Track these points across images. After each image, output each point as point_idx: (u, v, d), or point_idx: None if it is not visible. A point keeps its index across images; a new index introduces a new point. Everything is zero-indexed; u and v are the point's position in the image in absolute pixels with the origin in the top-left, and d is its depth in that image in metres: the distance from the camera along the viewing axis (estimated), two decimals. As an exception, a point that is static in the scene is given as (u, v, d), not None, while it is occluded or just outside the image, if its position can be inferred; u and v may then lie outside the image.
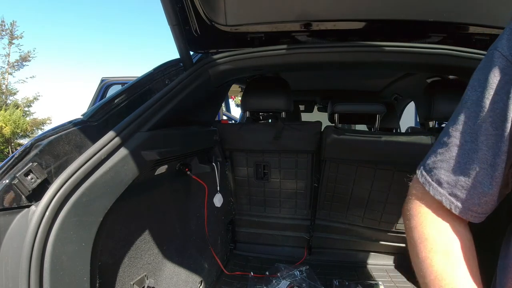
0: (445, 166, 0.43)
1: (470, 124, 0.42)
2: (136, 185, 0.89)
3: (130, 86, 1.04)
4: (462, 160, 0.42)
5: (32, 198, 0.68)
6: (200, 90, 1.14)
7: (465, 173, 0.42)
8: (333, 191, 1.65)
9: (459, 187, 0.42)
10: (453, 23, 1.10)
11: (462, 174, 0.42)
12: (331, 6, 1.07)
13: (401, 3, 1.05)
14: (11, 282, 0.62)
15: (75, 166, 0.70)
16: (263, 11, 1.11)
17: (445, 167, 0.43)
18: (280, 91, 1.51)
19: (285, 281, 1.46)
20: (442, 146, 0.44)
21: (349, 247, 1.76)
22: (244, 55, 1.11)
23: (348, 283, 1.50)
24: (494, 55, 0.41)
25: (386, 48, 1.05)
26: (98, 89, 3.45)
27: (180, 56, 1.10)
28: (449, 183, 0.43)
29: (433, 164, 0.45)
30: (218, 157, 1.54)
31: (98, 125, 0.89)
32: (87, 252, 0.71)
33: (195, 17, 1.10)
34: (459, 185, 0.42)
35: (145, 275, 1.03)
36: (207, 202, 1.42)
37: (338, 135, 1.48)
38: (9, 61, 16.73)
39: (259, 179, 1.69)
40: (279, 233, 1.81)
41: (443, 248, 0.43)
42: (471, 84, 0.44)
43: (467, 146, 0.42)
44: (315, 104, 3.16)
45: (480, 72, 0.43)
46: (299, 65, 1.20)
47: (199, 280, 1.35)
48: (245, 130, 1.57)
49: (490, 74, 0.41)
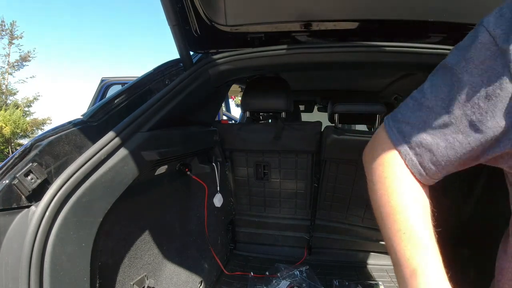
0: (413, 122, 0.44)
1: (445, 91, 0.42)
2: (136, 185, 0.89)
3: (130, 86, 1.04)
4: (429, 122, 0.43)
5: (32, 198, 0.68)
6: (200, 90, 1.14)
7: (431, 135, 0.43)
8: (333, 191, 1.65)
9: (421, 147, 0.44)
10: (453, 23, 1.10)
11: (428, 135, 0.43)
12: (331, 6, 1.07)
13: (401, 3, 1.04)
14: (11, 282, 0.62)
15: (75, 166, 0.70)
16: (263, 11, 1.11)
17: (412, 124, 0.44)
18: (280, 91, 1.51)
19: (285, 281, 1.46)
20: (415, 104, 0.45)
21: (349, 247, 1.76)
22: (244, 55, 1.11)
23: (348, 283, 1.50)
24: (479, 29, 0.40)
25: (386, 48, 1.05)
26: (98, 89, 3.45)
27: (180, 56, 1.10)
28: (412, 139, 0.44)
29: (402, 117, 0.46)
30: (218, 157, 1.54)
31: (98, 125, 0.89)
32: (87, 252, 0.71)
33: (195, 17, 1.10)
34: (423, 146, 0.43)
35: (145, 275, 1.03)
36: (207, 202, 1.42)
37: (338, 135, 1.47)
38: (9, 61, 16.75)
39: (259, 179, 1.68)
40: (279, 233, 1.80)
41: (400, 190, 0.45)
42: (455, 51, 0.43)
43: (437, 111, 0.42)
44: (315, 104, 3.16)
45: (464, 43, 0.43)
46: (299, 65, 1.20)
47: (199, 280, 1.35)
48: (245, 130, 1.57)
49: (473, 47, 0.40)
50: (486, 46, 0.39)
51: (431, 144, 0.43)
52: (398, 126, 0.46)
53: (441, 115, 0.42)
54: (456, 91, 0.41)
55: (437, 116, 0.42)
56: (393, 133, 0.46)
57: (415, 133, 0.44)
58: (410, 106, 0.46)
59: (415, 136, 0.44)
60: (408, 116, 0.45)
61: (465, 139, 0.41)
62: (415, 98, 0.46)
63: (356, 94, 2.21)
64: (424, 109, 0.44)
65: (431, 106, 0.43)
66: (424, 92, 0.45)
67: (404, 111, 0.46)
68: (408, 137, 0.44)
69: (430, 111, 0.43)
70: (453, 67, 0.42)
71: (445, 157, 0.43)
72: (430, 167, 0.44)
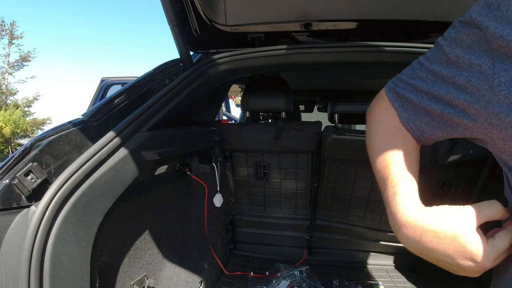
0: (415, 91, 0.48)
1: (434, 66, 0.45)
2: (136, 185, 0.89)
3: (130, 86, 1.04)
4: (420, 89, 0.46)
5: (32, 198, 0.68)
6: (200, 90, 1.14)
7: (418, 101, 0.47)
8: (333, 191, 1.65)
9: (410, 108, 0.48)
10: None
11: (416, 100, 0.47)
12: (331, 6, 1.07)
13: (401, 3, 1.04)
14: (11, 282, 0.62)
15: (75, 166, 0.70)
16: (263, 11, 1.11)
17: (414, 92, 0.48)
18: (280, 91, 1.51)
19: (285, 281, 1.46)
20: (415, 75, 0.48)
21: (349, 247, 1.76)
22: (244, 55, 1.11)
23: (348, 283, 1.50)
24: (466, 15, 0.42)
25: (386, 48, 1.05)
26: (98, 89, 3.45)
27: (180, 56, 1.10)
28: (403, 98, 0.49)
29: (404, 85, 0.50)
30: (218, 157, 1.54)
31: (98, 125, 0.89)
32: (87, 252, 0.71)
33: (195, 17, 1.10)
34: (422, 114, 0.47)
35: (145, 275, 1.03)
36: (207, 202, 1.42)
37: (338, 135, 1.47)
38: (9, 61, 16.75)
39: (259, 179, 1.69)
40: (279, 233, 1.81)
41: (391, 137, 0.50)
42: (449, 29, 0.45)
43: (437, 85, 0.45)
44: (315, 104, 3.17)
45: (456, 23, 0.45)
46: (299, 65, 1.20)
47: (199, 280, 1.35)
48: (245, 130, 1.57)
49: (462, 30, 0.42)
50: (469, 32, 0.41)
51: (420, 107, 0.47)
52: (395, 88, 0.51)
53: (430, 87, 0.45)
54: (443, 68, 0.43)
55: (427, 88, 0.45)
56: (391, 92, 0.52)
57: (407, 95, 0.48)
58: (408, 73, 0.50)
59: (408, 97, 0.48)
60: (405, 80, 0.50)
61: (448, 110, 0.43)
62: (412, 67, 0.50)
63: (356, 94, 2.21)
64: (417, 79, 0.47)
65: (422, 77, 0.46)
66: (420, 63, 0.49)
67: (402, 75, 0.51)
68: (403, 97, 0.49)
69: (421, 81, 0.46)
70: (444, 46, 0.44)
71: (432, 120, 0.46)
72: (417, 127, 0.49)
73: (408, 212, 0.42)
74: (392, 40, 1.08)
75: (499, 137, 0.39)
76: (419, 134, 0.49)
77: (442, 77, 0.43)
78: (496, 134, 0.39)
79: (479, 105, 0.39)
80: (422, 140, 0.50)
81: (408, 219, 0.41)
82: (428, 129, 0.48)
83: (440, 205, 0.42)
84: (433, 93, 0.45)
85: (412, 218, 0.41)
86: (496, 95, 0.37)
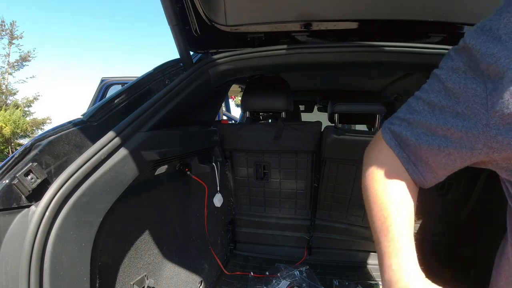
0: (404, 123, 0.47)
1: (432, 97, 0.44)
2: (136, 185, 0.89)
3: (130, 86, 1.04)
4: (417, 124, 0.45)
5: (32, 198, 0.68)
6: (200, 90, 1.14)
7: (415, 137, 0.45)
8: (333, 191, 1.65)
9: (408, 147, 0.47)
10: (453, 23, 1.10)
11: (413, 136, 0.46)
12: (331, 6, 1.07)
13: (401, 3, 1.05)
14: (11, 282, 0.62)
15: (75, 166, 0.70)
16: (263, 11, 1.11)
17: (410, 129, 0.47)
18: (280, 91, 1.51)
19: (285, 281, 1.46)
20: (412, 110, 0.47)
21: (349, 247, 1.76)
22: (244, 55, 1.11)
23: (348, 283, 1.50)
24: (461, 41, 0.42)
25: (386, 48, 1.05)
26: (98, 89, 3.45)
27: (180, 56, 1.10)
28: (401, 139, 0.47)
29: (396, 119, 0.49)
30: (218, 157, 1.54)
31: (98, 125, 0.89)
32: (87, 252, 0.71)
33: (195, 17, 1.10)
34: (409, 146, 0.46)
35: (145, 275, 1.03)
36: (207, 202, 1.42)
37: (338, 135, 1.47)
38: (9, 61, 16.75)
39: (259, 179, 1.68)
40: (279, 233, 1.81)
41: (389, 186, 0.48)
42: (444, 59, 0.45)
43: (424, 115, 0.44)
44: (315, 104, 3.17)
45: (451, 52, 0.44)
46: (299, 65, 1.20)
47: (199, 280, 1.35)
48: (245, 130, 1.57)
49: (456, 57, 0.42)
50: (464, 58, 0.40)
51: (416, 146, 0.45)
52: (391, 127, 0.50)
53: (427, 119, 0.44)
54: (441, 97, 0.43)
55: (424, 120, 0.44)
56: (386, 132, 0.50)
57: (403, 133, 0.47)
58: (404, 109, 0.49)
59: (404, 136, 0.47)
60: (401, 117, 0.48)
61: (445, 143, 0.42)
62: (409, 103, 0.49)
63: (356, 94, 2.21)
64: (414, 112, 0.46)
65: (419, 110, 0.45)
66: (417, 97, 0.47)
67: (399, 113, 0.50)
68: (399, 136, 0.48)
69: (418, 114, 0.45)
70: (440, 75, 0.44)
71: (430, 159, 0.45)
72: (417, 167, 0.47)
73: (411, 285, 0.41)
74: (392, 40, 1.08)
75: (501, 158, 0.39)
76: (419, 176, 0.47)
77: (440, 107, 0.42)
78: (498, 156, 0.39)
79: (476, 130, 0.39)
80: (423, 183, 0.48)
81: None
82: (427, 171, 0.46)
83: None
84: (430, 125, 0.43)
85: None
86: (492, 117, 0.37)
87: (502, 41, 0.36)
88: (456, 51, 0.42)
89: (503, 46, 0.35)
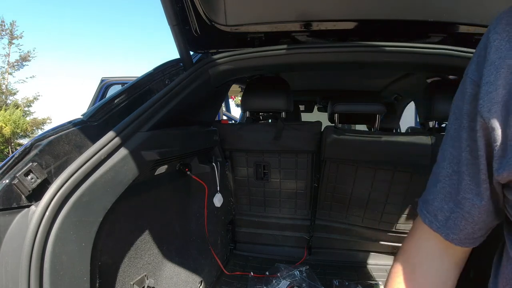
0: (438, 198, 0.45)
1: (455, 154, 0.42)
2: (136, 185, 0.89)
3: (130, 86, 1.04)
4: (452, 191, 0.43)
5: (32, 198, 0.68)
6: (200, 90, 1.14)
7: (456, 205, 0.42)
8: (333, 191, 1.65)
9: (453, 218, 0.43)
10: (453, 23, 1.10)
11: (454, 206, 0.43)
12: (331, 6, 1.07)
13: (401, 3, 1.04)
14: (11, 282, 0.62)
15: (75, 166, 0.70)
16: (263, 11, 1.11)
17: (438, 199, 0.45)
18: (280, 91, 1.51)
19: (285, 281, 1.46)
20: (435, 177, 0.46)
21: (349, 247, 1.76)
22: (244, 55, 1.11)
23: (348, 283, 1.50)
24: (466, 81, 0.41)
25: (386, 48, 1.05)
26: (98, 89, 3.45)
27: (180, 56, 1.10)
28: (443, 215, 0.44)
29: (428, 195, 0.47)
30: (218, 157, 1.54)
31: (98, 125, 0.89)
32: (87, 252, 0.71)
33: (195, 17, 1.10)
34: (452, 217, 0.43)
35: (145, 275, 1.03)
36: (207, 202, 1.42)
37: (338, 135, 1.47)
38: (9, 61, 16.74)
39: (259, 179, 1.68)
40: (279, 233, 1.80)
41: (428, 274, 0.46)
42: (452, 111, 0.44)
43: (455, 177, 0.42)
44: (315, 104, 3.17)
45: (457, 99, 0.43)
46: (299, 65, 1.20)
47: (199, 280, 1.35)
48: (245, 130, 1.57)
49: (464, 101, 0.41)
50: (477, 97, 0.39)
51: (455, 215, 0.43)
52: (427, 206, 0.47)
53: (458, 179, 0.42)
54: (462, 149, 0.41)
55: (457, 182, 0.42)
56: (423, 213, 0.47)
57: (444, 207, 0.44)
58: (432, 181, 0.47)
59: (440, 209, 0.44)
60: (431, 191, 0.46)
61: (478, 198, 0.41)
62: (433, 172, 0.47)
63: (356, 94, 2.21)
64: (443, 180, 0.44)
65: (448, 175, 0.43)
66: (438, 163, 0.46)
67: (429, 187, 0.48)
68: (440, 214, 0.45)
69: (449, 179, 0.43)
70: (455, 127, 0.42)
71: (471, 223, 0.43)
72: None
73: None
74: (392, 40, 1.08)
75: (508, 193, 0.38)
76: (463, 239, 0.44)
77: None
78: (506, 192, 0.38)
79: (485, 174, 0.39)
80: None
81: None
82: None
83: None
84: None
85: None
86: (494, 151, 0.37)
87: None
88: (464, 92, 0.42)
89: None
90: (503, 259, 0.43)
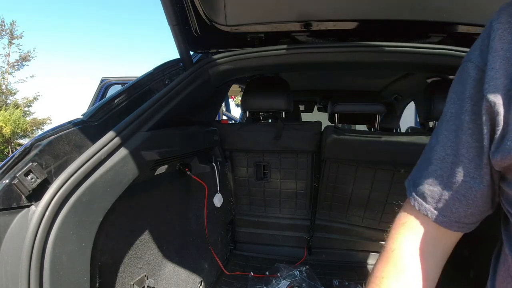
0: (429, 180, 0.44)
1: (450, 137, 0.43)
2: (136, 185, 0.89)
3: (130, 86, 1.04)
4: (445, 174, 0.43)
5: (32, 198, 0.68)
6: (200, 90, 1.14)
7: (449, 187, 0.43)
8: (333, 191, 1.65)
9: (443, 200, 0.43)
10: (453, 23, 1.10)
11: (446, 188, 0.43)
12: (331, 6, 1.07)
13: (401, 3, 1.05)
14: (11, 282, 0.62)
15: (75, 166, 0.70)
16: (263, 11, 1.11)
17: (429, 182, 0.44)
18: (280, 91, 1.51)
19: (285, 281, 1.46)
20: (426, 160, 0.46)
21: (349, 247, 1.76)
22: (244, 55, 1.11)
23: (348, 283, 1.50)
24: (468, 66, 0.41)
25: (386, 48, 1.05)
26: (98, 89, 3.45)
27: (180, 56, 1.10)
28: (433, 197, 0.44)
29: (418, 178, 0.47)
30: (218, 157, 1.54)
31: (98, 125, 0.89)
32: (87, 252, 0.71)
33: (195, 17, 1.10)
34: (443, 199, 0.43)
35: (145, 275, 1.04)
36: (207, 202, 1.42)
37: (338, 135, 1.47)
38: (9, 61, 16.74)
39: (259, 179, 1.68)
40: (279, 233, 1.80)
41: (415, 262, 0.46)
42: (450, 97, 0.45)
43: (449, 159, 0.42)
44: (315, 104, 3.17)
45: (457, 84, 0.44)
46: (299, 65, 1.20)
47: (199, 280, 1.35)
48: (245, 130, 1.57)
49: (467, 86, 0.41)
50: (481, 81, 0.39)
51: (455, 195, 0.43)
52: (416, 189, 0.47)
53: (453, 162, 0.42)
54: (462, 132, 0.41)
55: (451, 165, 0.42)
56: (414, 197, 0.47)
57: (435, 190, 0.44)
58: (423, 164, 0.47)
59: (437, 192, 0.44)
60: (423, 175, 0.46)
61: (476, 181, 0.41)
62: (424, 155, 0.47)
63: (356, 94, 2.21)
64: (436, 162, 0.44)
65: (442, 158, 0.43)
66: (431, 146, 0.46)
67: (418, 171, 0.48)
68: (430, 197, 0.45)
69: (442, 162, 0.43)
70: (453, 111, 0.43)
71: (463, 205, 0.43)
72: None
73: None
74: (392, 40, 1.08)
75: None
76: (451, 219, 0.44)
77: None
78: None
79: (487, 158, 0.39)
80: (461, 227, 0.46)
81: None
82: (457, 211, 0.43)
83: None
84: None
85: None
86: (495, 135, 0.38)
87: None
88: (466, 77, 0.43)
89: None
90: (501, 257, 0.43)
